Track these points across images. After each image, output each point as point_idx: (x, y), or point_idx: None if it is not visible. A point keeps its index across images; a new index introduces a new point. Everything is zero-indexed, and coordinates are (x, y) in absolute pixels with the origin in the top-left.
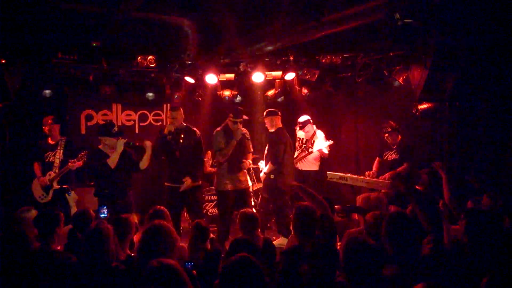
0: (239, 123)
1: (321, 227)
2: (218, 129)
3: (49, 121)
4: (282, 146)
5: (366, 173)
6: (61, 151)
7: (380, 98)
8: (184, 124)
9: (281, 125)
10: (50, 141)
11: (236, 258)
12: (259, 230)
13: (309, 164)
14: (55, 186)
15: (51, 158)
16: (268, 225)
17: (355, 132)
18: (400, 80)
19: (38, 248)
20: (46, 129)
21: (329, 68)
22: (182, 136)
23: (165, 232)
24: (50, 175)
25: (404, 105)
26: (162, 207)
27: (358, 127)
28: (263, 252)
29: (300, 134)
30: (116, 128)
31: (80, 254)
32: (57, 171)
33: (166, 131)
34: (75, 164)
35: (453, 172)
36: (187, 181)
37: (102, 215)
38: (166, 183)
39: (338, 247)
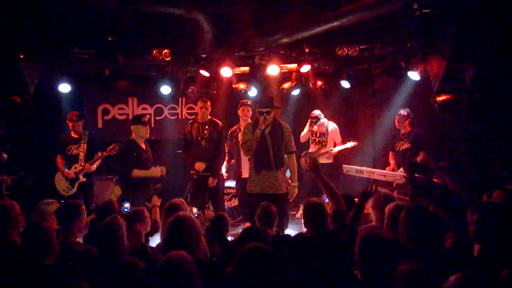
0: (265, 114)
1: (334, 222)
2: (248, 121)
3: (74, 118)
4: None
5: (387, 168)
6: (85, 145)
7: (397, 90)
8: (209, 116)
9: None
10: (73, 134)
11: (249, 247)
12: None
13: (325, 157)
14: (82, 179)
15: (74, 152)
16: None
17: (372, 125)
18: (418, 72)
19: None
20: (70, 124)
21: (345, 60)
22: (207, 127)
23: (190, 223)
24: (76, 168)
25: (422, 97)
26: (179, 200)
27: (374, 120)
28: (273, 244)
29: (314, 127)
30: (145, 118)
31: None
32: (82, 164)
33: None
34: (91, 167)
35: (472, 164)
36: (210, 180)
37: (125, 210)
38: (191, 171)
39: None
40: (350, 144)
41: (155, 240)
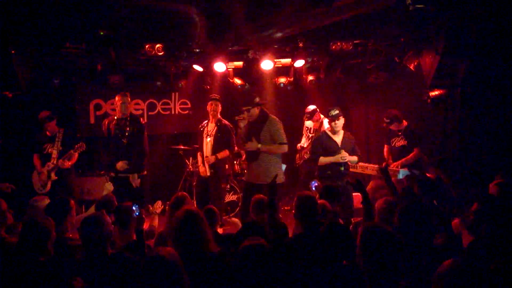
0: (246, 112)
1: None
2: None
3: (47, 119)
4: None
5: (383, 164)
6: (59, 143)
7: (391, 85)
8: (128, 112)
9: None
10: (47, 133)
11: (248, 244)
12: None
13: None
14: (53, 177)
15: (50, 150)
16: None
17: (366, 120)
18: (411, 67)
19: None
20: (45, 125)
21: (339, 55)
22: (128, 124)
23: (200, 218)
24: (48, 166)
25: (416, 92)
26: (184, 193)
27: (368, 115)
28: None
29: (308, 123)
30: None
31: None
32: (55, 162)
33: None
34: (65, 163)
35: (465, 159)
36: (130, 178)
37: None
38: (111, 173)
39: None
40: None
41: None
